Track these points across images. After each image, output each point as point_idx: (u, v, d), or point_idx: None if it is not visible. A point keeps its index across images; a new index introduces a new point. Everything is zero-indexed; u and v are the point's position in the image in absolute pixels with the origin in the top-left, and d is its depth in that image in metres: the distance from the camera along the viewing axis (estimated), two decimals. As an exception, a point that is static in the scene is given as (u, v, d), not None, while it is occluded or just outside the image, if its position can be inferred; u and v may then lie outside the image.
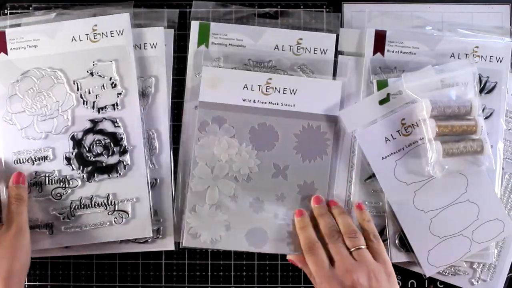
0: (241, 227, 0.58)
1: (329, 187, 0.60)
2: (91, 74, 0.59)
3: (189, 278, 0.61)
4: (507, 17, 0.62)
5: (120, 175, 0.59)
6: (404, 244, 0.59)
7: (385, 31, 0.60)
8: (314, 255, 0.53)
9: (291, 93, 0.59)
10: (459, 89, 0.57)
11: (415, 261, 0.59)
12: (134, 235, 0.59)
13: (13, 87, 0.59)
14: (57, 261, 0.61)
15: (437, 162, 0.56)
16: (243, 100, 0.59)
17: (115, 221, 0.58)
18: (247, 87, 0.59)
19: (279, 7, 0.62)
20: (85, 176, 0.59)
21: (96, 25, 0.59)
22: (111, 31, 0.59)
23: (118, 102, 0.59)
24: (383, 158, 0.58)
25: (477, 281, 0.60)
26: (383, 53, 0.60)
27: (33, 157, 0.59)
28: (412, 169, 0.58)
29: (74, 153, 0.59)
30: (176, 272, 0.61)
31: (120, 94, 0.59)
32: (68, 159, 0.59)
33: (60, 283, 0.61)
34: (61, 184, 0.58)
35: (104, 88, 0.59)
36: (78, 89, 0.59)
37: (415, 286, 0.61)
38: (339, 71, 0.61)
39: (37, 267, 0.61)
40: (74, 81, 0.59)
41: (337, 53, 0.61)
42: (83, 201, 0.58)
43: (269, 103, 0.59)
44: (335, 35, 0.61)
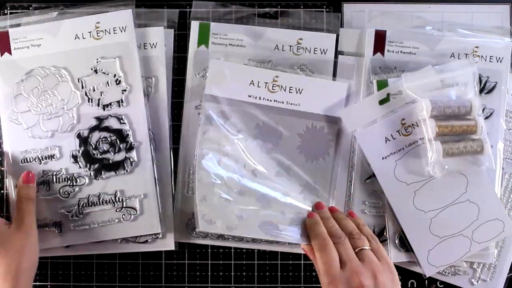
0: (252, 219, 0.56)
1: (331, 189, 0.60)
2: (95, 71, 0.59)
3: (189, 278, 0.61)
4: (507, 17, 0.62)
5: (127, 171, 0.59)
6: (404, 244, 0.59)
7: (385, 31, 0.60)
8: (326, 253, 0.52)
9: (297, 92, 0.59)
10: (459, 89, 0.57)
11: (415, 261, 0.59)
12: (143, 232, 0.59)
13: (18, 86, 0.59)
14: (57, 261, 0.61)
15: (437, 162, 0.56)
16: (249, 96, 0.59)
17: (123, 218, 0.58)
18: (253, 83, 0.59)
19: (279, 7, 0.62)
20: (92, 173, 0.59)
21: (98, 22, 0.59)
22: (114, 28, 0.59)
23: (123, 98, 0.59)
24: (383, 158, 0.58)
25: (477, 281, 0.60)
26: (383, 53, 0.60)
27: (40, 156, 0.59)
28: (412, 169, 0.58)
29: (80, 151, 0.59)
30: (176, 272, 0.61)
31: (124, 90, 0.59)
32: (75, 157, 0.59)
33: (60, 283, 0.61)
34: (69, 182, 0.59)
35: (108, 85, 0.59)
36: (82, 87, 0.59)
37: (415, 286, 0.61)
38: (339, 71, 0.61)
39: (37, 267, 0.61)
40: (78, 79, 0.59)
41: (337, 53, 0.61)
42: (91, 199, 0.58)
43: (275, 101, 0.59)
44: (335, 35, 0.61)
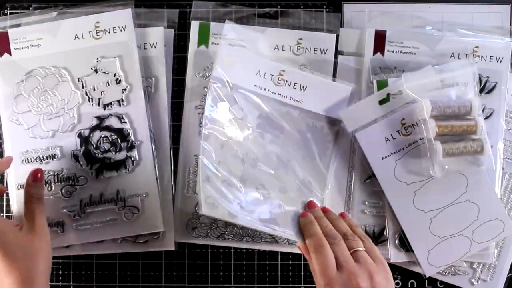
0: (252, 209, 0.55)
1: (324, 190, 0.59)
2: (95, 71, 0.59)
3: (189, 278, 0.61)
4: (507, 17, 0.62)
5: (128, 170, 0.59)
6: (404, 244, 0.59)
7: (385, 31, 0.60)
8: (322, 254, 0.50)
9: (301, 89, 0.59)
10: (459, 89, 0.57)
11: (415, 261, 0.59)
12: (145, 230, 0.59)
13: (18, 87, 0.59)
14: (57, 261, 0.61)
15: (437, 162, 0.56)
16: (255, 86, 0.58)
17: (125, 217, 0.58)
18: (259, 74, 0.58)
19: (279, 7, 0.62)
20: (93, 173, 0.59)
21: (98, 22, 0.59)
22: (113, 27, 0.59)
23: (123, 98, 0.59)
24: (383, 158, 0.58)
25: (477, 281, 0.60)
26: (383, 53, 0.60)
27: (41, 156, 0.59)
28: (412, 169, 0.58)
29: (81, 151, 0.59)
30: (176, 272, 0.61)
31: (125, 90, 0.59)
32: (76, 157, 0.59)
33: (60, 283, 0.61)
34: (70, 182, 0.59)
35: (108, 84, 0.59)
36: (83, 87, 0.59)
37: (415, 286, 0.61)
38: (339, 72, 0.61)
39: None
40: (78, 79, 0.59)
41: (337, 53, 0.61)
42: (92, 198, 0.58)
43: (279, 94, 0.59)
44: (335, 35, 0.61)
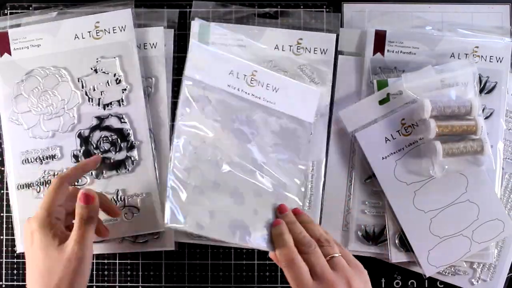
0: (224, 217, 0.52)
1: (304, 195, 0.59)
2: (95, 71, 0.59)
3: (189, 278, 0.61)
4: (507, 17, 0.62)
5: (128, 170, 0.59)
6: (404, 244, 0.59)
7: (385, 31, 0.60)
8: (293, 268, 0.47)
9: (273, 90, 0.58)
10: (459, 89, 0.57)
11: (415, 261, 0.59)
12: (145, 230, 0.59)
13: (18, 87, 0.59)
14: (57, 261, 0.61)
15: (437, 162, 0.56)
16: (228, 86, 0.57)
17: (125, 216, 0.58)
18: (232, 74, 0.57)
19: (279, 7, 0.62)
20: (93, 173, 0.59)
21: (98, 22, 0.59)
22: (113, 28, 0.59)
23: (123, 98, 0.59)
24: (383, 158, 0.58)
25: (477, 281, 0.60)
26: (383, 53, 0.60)
27: (41, 156, 0.59)
28: (412, 169, 0.58)
29: (81, 151, 0.59)
30: (176, 272, 0.61)
31: (125, 90, 0.59)
32: (76, 157, 0.59)
33: (60, 283, 0.61)
34: None
35: (108, 84, 0.59)
36: (83, 87, 0.59)
37: (415, 286, 0.61)
38: (339, 72, 0.61)
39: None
40: (78, 79, 0.59)
41: (337, 53, 0.61)
42: None
43: (252, 95, 0.58)
44: (335, 35, 0.61)
